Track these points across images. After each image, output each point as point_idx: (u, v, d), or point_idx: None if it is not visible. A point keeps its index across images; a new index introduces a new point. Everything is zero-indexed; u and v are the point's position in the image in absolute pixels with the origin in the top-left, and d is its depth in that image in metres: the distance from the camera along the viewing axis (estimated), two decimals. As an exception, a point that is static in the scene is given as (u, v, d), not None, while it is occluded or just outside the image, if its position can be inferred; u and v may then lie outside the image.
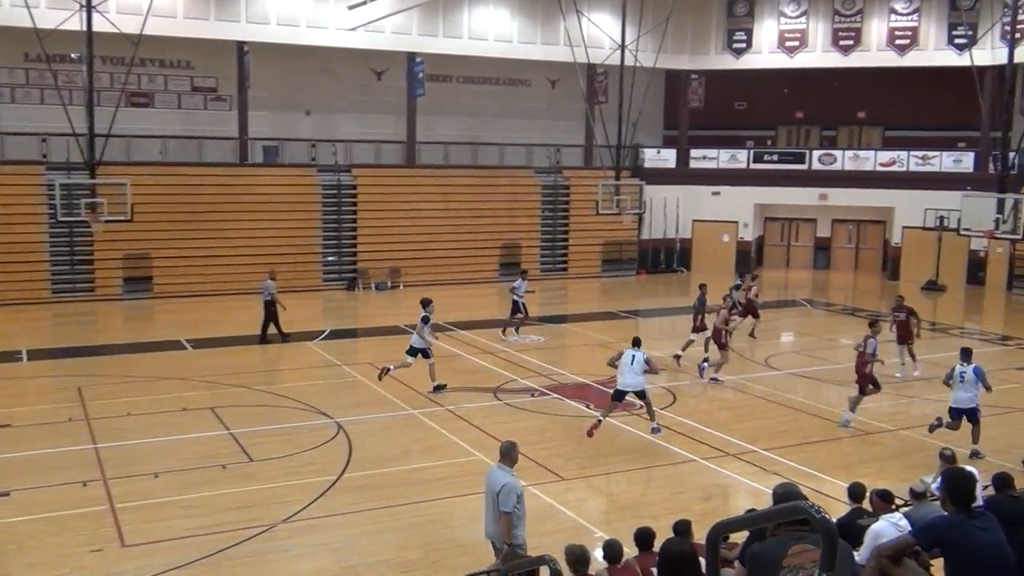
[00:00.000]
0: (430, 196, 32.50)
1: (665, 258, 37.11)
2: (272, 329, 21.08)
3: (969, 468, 8.93)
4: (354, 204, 31.52)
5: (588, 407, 16.37)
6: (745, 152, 37.11)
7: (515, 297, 22.16)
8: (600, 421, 14.24)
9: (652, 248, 36.95)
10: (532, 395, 17.12)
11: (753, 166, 36.86)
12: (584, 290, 32.58)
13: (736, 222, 37.00)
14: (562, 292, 33.16)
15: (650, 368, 14.14)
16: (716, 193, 36.89)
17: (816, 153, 36.42)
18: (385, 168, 32.84)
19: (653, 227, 36.76)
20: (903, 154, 35.08)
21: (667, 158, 37.55)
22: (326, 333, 22.56)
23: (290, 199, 30.45)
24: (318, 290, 30.10)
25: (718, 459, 13.82)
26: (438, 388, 16.77)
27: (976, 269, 33.75)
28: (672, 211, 37.08)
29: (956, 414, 13.98)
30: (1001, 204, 23.20)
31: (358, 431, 14.66)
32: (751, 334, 22.81)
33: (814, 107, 40.10)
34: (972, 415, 13.92)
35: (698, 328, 19.99)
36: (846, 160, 35.87)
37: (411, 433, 14.74)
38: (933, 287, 32.20)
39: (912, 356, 19.02)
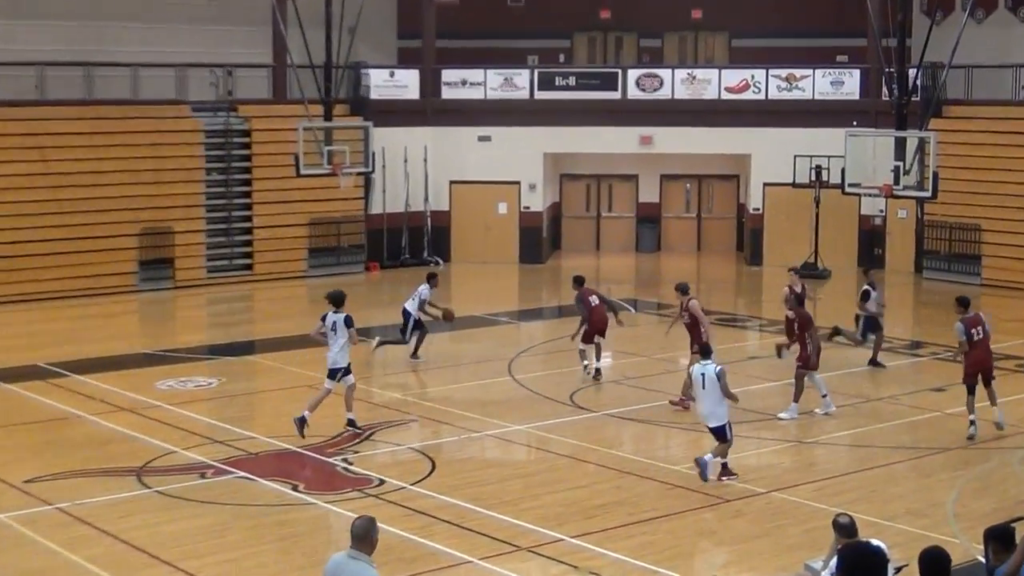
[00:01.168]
0: (8, 154, 31.23)
1: (410, 244, 37.41)
2: None
3: (876, 542, 9.52)
4: None
5: (296, 489, 16.28)
6: (527, 74, 38.13)
7: (414, 313, 23.98)
8: None
9: (389, 229, 37.12)
10: (202, 475, 16.85)
11: (540, 95, 37.88)
12: (281, 300, 32.27)
13: (517, 183, 37.92)
14: (245, 304, 32.69)
15: None
16: (485, 139, 37.61)
17: (633, 74, 38.00)
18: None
19: (389, 196, 36.95)
20: (759, 74, 37.32)
21: (406, 84, 37.91)
22: None
23: None
24: None
25: (505, 557, 13.93)
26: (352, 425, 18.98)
27: (871, 244, 36.36)
28: (418, 169, 37.39)
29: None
30: (902, 146, 25.12)
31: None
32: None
33: (627, 3, 41.85)
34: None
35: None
36: (677, 85, 37.68)
37: (-2, 556, 14.02)
38: (812, 273, 34.35)
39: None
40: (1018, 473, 16.99)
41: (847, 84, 36.76)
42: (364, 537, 9.24)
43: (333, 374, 18.89)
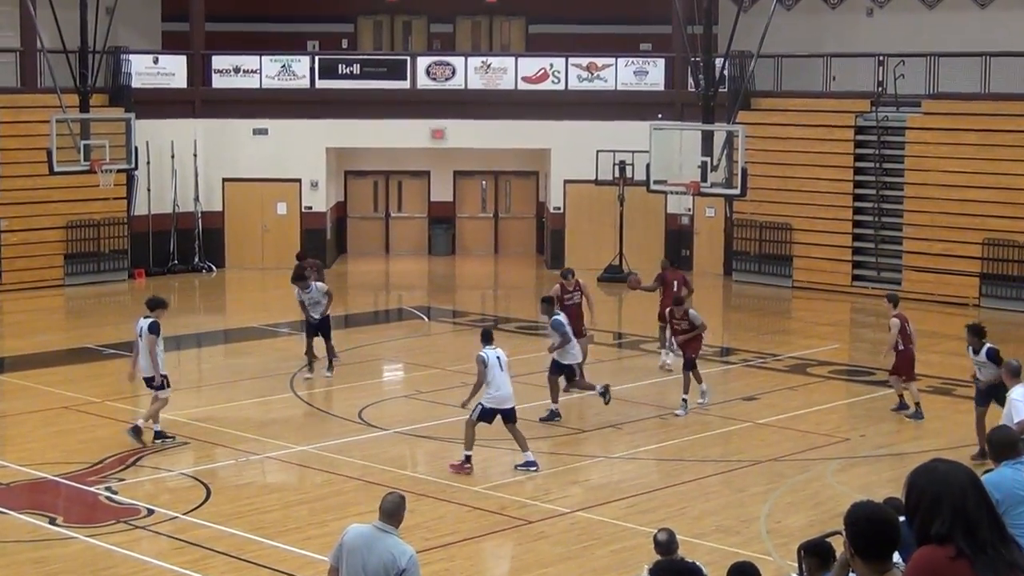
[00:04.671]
0: None
1: (179, 248, 36.95)
2: None
3: (693, 561, 9.79)
4: None
5: (55, 523, 15.97)
6: (306, 61, 38.00)
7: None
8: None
9: (155, 232, 36.56)
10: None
11: (321, 84, 37.81)
12: (34, 312, 31.50)
13: (298, 181, 37.78)
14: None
15: None
16: (261, 132, 37.36)
17: (423, 62, 38.18)
18: None
19: (155, 195, 36.41)
20: (558, 63, 37.83)
21: (172, 72, 37.38)
22: None
23: None
24: None
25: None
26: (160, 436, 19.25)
27: (678, 245, 37.13)
28: (187, 165, 36.95)
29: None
30: (709, 140, 25.79)
31: None
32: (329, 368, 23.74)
33: (416, -15, 42.00)
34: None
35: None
36: (471, 74, 37.98)
37: None
38: (617, 276, 34.97)
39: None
40: (833, 484, 17.63)
41: (651, 74, 37.54)
42: (394, 513, 9.99)
43: (148, 383, 19.11)
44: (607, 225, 36.61)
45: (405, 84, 37.88)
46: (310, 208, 37.81)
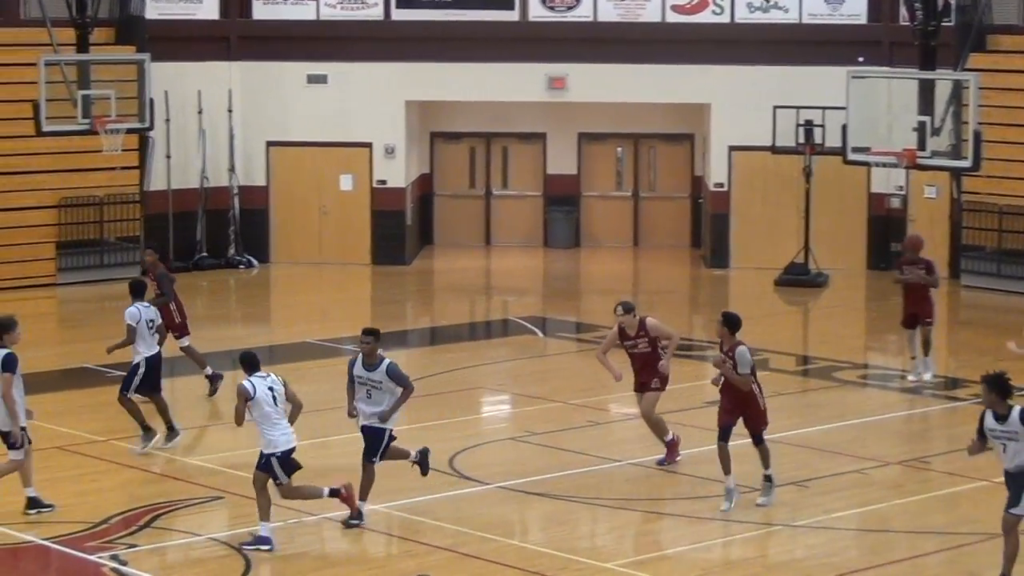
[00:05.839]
0: None
1: (208, 237, 37.31)
2: None
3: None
4: None
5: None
6: (380, -16, 38.12)
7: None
8: None
9: (176, 215, 36.98)
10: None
11: (399, 15, 37.92)
12: (21, 319, 31.61)
13: (368, 145, 37.92)
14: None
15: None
16: (318, 79, 37.57)
17: (539, -15, 38.21)
18: None
19: (177, 165, 36.78)
20: (722, -12, 37.68)
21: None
22: None
23: None
24: None
25: None
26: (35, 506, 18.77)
27: (886, 235, 36.83)
28: (219, 125, 37.34)
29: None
30: (928, 93, 25.54)
31: None
32: None
33: None
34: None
35: None
36: (601, 1, 37.88)
37: None
38: (801, 279, 34.76)
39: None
40: None
41: (849, 2, 37.19)
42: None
43: (3, 438, 18.62)
44: (788, 208, 36.42)
45: (513, 15, 37.95)
46: (384, 183, 38.02)
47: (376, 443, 18.42)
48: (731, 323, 19.05)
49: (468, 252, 39.66)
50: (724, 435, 18.66)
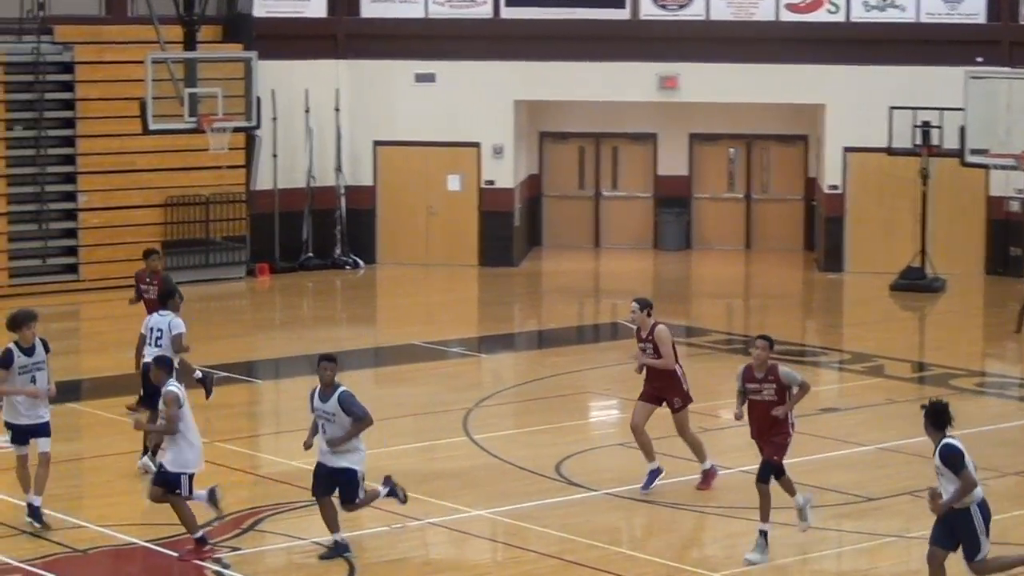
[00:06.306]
0: None
1: (315, 237, 37.33)
2: None
3: None
4: None
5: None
6: (491, -16, 38.09)
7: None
8: None
9: (283, 214, 37.05)
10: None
11: (509, 13, 37.86)
12: (120, 319, 31.42)
13: (476, 145, 37.89)
14: (68, 326, 32.31)
15: None
16: (427, 78, 37.54)
17: (650, -15, 38.06)
18: None
19: (284, 165, 36.86)
20: (839, -12, 37.42)
21: (309, -1, 37.88)
22: None
23: None
24: None
25: None
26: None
27: (1004, 241, 36.34)
28: (326, 124, 37.36)
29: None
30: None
31: None
32: None
33: None
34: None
35: None
36: (713, 2, 37.69)
37: None
38: (918, 284, 34.38)
39: None
40: None
41: (968, 1, 36.81)
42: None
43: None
44: (904, 211, 36.00)
45: (624, 13, 37.77)
46: (492, 183, 37.95)
47: (348, 489, 17.37)
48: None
49: (577, 254, 39.58)
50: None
